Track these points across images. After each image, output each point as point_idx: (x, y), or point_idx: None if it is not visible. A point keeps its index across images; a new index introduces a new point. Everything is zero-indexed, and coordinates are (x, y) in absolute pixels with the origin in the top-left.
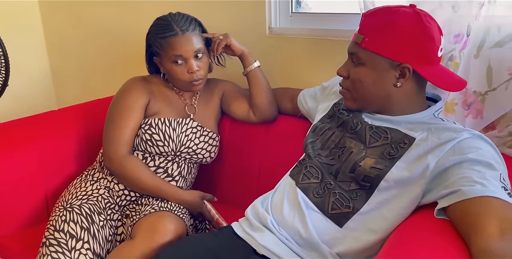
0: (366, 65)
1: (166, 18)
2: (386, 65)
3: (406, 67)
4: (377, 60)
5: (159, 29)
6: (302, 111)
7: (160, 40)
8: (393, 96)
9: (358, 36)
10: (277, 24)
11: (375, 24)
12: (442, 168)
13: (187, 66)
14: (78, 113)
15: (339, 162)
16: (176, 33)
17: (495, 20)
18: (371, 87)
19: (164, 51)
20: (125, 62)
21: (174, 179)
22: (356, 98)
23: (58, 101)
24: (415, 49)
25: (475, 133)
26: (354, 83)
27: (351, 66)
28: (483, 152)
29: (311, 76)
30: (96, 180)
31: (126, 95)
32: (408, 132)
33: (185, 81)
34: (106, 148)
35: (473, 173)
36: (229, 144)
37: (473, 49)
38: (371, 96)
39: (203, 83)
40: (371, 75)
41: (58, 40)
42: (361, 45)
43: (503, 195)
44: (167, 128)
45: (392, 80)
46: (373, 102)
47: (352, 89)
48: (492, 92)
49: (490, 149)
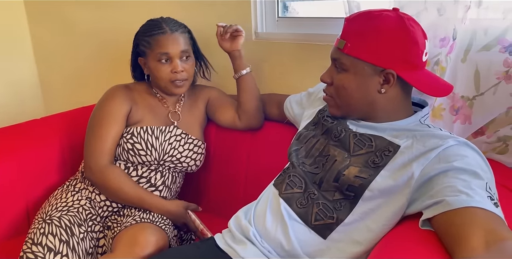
0: (349, 71)
1: (157, 19)
2: (369, 71)
3: (390, 73)
4: (360, 66)
5: (148, 28)
6: (289, 118)
7: (148, 38)
8: (377, 102)
9: (341, 41)
10: (263, 29)
11: (357, 28)
12: (427, 177)
13: (172, 65)
14: (61, 122)
15: (323, 171)
16: (164, 31)
17: (481, 23)
18: (355, 94)
19: (151, 49)
20: (114, 69)
21: (157, 189)
22: (340, 105)
23: (46, 109)
24: (398, 54)
25: (461, 140)
26: (338, 89)
27: (335, 72)
28: (469, 160)
29: (298, 81)
30: (77, 190)
31: (107, 103)
32: (393, 140)
33: (168, 80)
34: (87, 158)
35: (458, 182)
36: (215, 152)
37: (460, 53)
38: (355, 103)
39: (186, 87)
40: (354, 82)
41: (46, 47)
42: (343, 50)
43: (488, 206)
44: (150, 136)
45: (376, 86)
46: (357, 109)
47: (336, 96)
48: (480, 97)
49: (477, 156)
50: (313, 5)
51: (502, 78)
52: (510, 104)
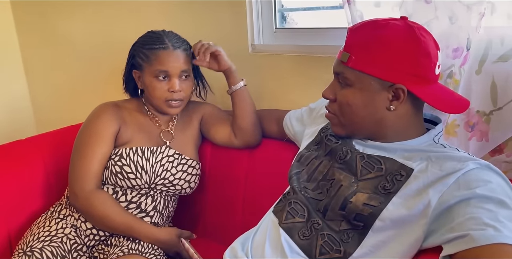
0: (354, 86)
1: (159, 32)
2: (376, 86)
3: (400, 88)
4: (366, 80)
5: (148, 40)
6: (289, 135)
7: (147, 51)
8: (386, 120)
9: (344, 54)
10: (261, 41)
11: (362, 40)
12: (446, 206)
13: (169, 84)
14: (47, 143)
15: (327, 197)
16: (166, 47)
17: (497, 31)
18: (361, 111)
19: (149, 64)
20: (106, 84)
21: (148, 214)
22: (345, 123)
23: (37, 127)
24: (409, 67)
25: (482, 162)
26: (342, 106)
27: (338, 87)
28: (493, 186)
29: (298, 96)
30: (62, 217)
31: (94, 123)
32: (405, 162)
33: (163, 99)
34: (72, 183)
35: (483, 213)
36: (211, 172)
37: (474, 64)
38: (361, 121)
39: (181, 108)
40: (360, 98)
41: (37, 63)
42: (347, 64)
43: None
44: (140, 158)
45: (385, 103)
46: (364, 127)
47: (340, 114)
48: (498, 112)
49: (501, 181)
50: (313, 15)
51: None
52: None
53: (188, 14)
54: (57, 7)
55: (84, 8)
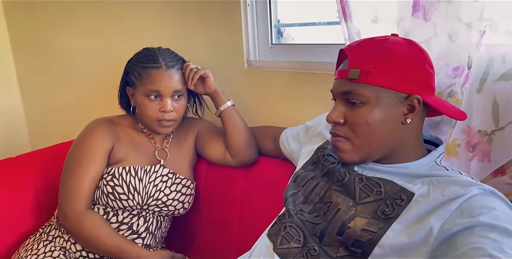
0: (369, 104)
1: (154, 49)
2: (393, 99)
3: (415, 98)
4: (382, 94)
5: (142, 58)
6: (285, 154)
7: (140, 70)
8: (400, 137)
9: (353, 71)
10: (256, 57)
11: (369, 55)
12: (448, 234)
13: (161, 104)
14: (38, 160)
15: (324, 221)
16: (159, 66)
17: (498, 49)
18: (380, 129)
19: (141, 82)
20: (101, 100)
21: (140, 236)
22: (361, 146)
23: (31, 141)
24: (420, 77)
25: (486, 188)
26: (357, 127)
27: (346, 108)
28: (497, 214)
29: (294, 113)
30: (51, 239)
31: (87, 140)
32: (406, 185)
33: (154, 118)
34: (62, 203)
35: (488, 244)
36: (206, 191)
37: (475, 82)
38: (380, 140)
39: (173, 127)
40: (378, 114)
41: (31, 78)
42: (360, 80)
43: None
44: (132, 178)
45: (400, 117)
46: (381, 147)
47: (354, 136)
48: (500, 132)
49: (506, 208)
50: (310, 30)
51: None
52: None
53: (184, 30)
54: (52, 23)
55: (79, 24)
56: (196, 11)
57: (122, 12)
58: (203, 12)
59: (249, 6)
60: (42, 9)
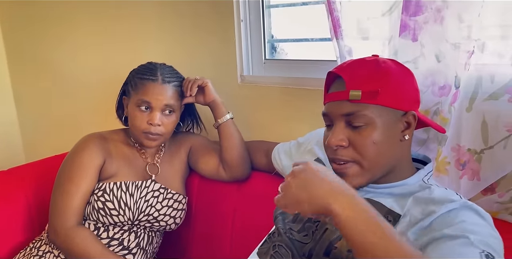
0: (372, 124)
1: (156, 64)
2: (391, 118)
3: (411, 114)
4: (383, 113)
5: (142, 70)
6: (277, 169)
7: (137, 80)
8: (400, 154)
9: (354, 92)
10: (250, 72)
11: (368, 76)
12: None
13: (150, 116)
14: (29, 174)
15: (313, 241)
16: (155, 79)
17: (487, 69)
18: (386, 148)
19: (135, 92)
20: (95, 114)
21: (131, 252)
22: (370, 168)
23: (26, 154)
24: (412, 93)
25: (464, 203)
26: (364, 148)
27: (348, 130)
28: (464, 225)
29: (286, 128)
30: (41, 255)
31: (78, 155)
32: (393, 207)
33: (140, 130)
34: (52, 218)
35: (447, 250)
36: (198, 206)
37: (464, 101)
38: (384, 159)
39: (159, 142)
40: (382, 133)
41: (26, 91)
42: (363, 101)
43: None
44: (123, 194)
45: (399, 135)
46: (383, 167)
47: (362, 158)
48: (489, 151)
49: (479, 220)
50: (303, 46)
51: None
52: None
53: (179, 45)
54: (48, 36)
55: (74, 38)
56: (191, 26)
57: (118, 26)
58: (198, 27)
59: (242, 21)
60: (38, 22)
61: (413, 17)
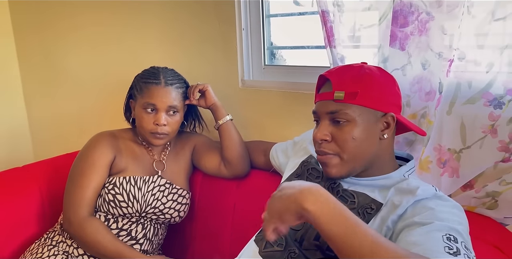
0: (352, 122)
1: (158, 68)
2: (371, 118)
3: (390, 115)
4: (364, 113)
5: (146, 75)
6: (274, 166)
7: (142, 84)
8: (379, 151)
9: (338, 93)
10: (250, 77)
11: (351, 79)
12: (395, 235)
13: (155, 117)
14: (43, 170)
15: (303, 228)
16: (159, 83)
17: (465, 75)
18: (364, 143)
19: (141, 96)
20: (103, 114)
21: (138, 242)
22: (347, 160)
23: (35, 153)
24: (393, 97)
25: (431, 193)
26: (344, 143)
27: (331, 127)
28: (433, 212)
29: (284, 129)
30: (54, 244)
31: (91, 151)
32: (376, 197)
33: (148, 130)
34: (66, 210)
35: (416, 237)
36: (200, 201)
37: (445, 105)
38: (362, 154)
39: (165, 140)
40: (362, 130)
41: (37, 93)
42: (345, 101)
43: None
44: (132, 187)
45: (378, 133)
46: (363, 162)
47: (342, 151)
48: (467, 150)
49: (445, 208)
50: (302, 53)
51: (488, 132)
52: (497, 158)
53: (182, 51)
54: (58, 40)
55: (84, 42)
56: (195, 35)
57: (124, 33)
58: (201, 35)
59: (244, 30)
60: (49, 27)
61: (401, 28)
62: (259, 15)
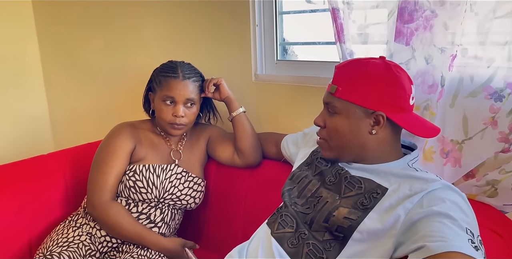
0: (341, 114)
1: (176, 62)
2: (360, 114)
3: (379, 114)
4: (351, 109)
5: (164, 68)
6: (285, 156)
7: (161, 78)
8: (368, 144)
9: (332, 86)
10: (263, 71)
11: (348, 75)
12: (411, 221)
13: (174, 109)
14: (67, 158)
15: (313, 212)
16: (177, 76)
17: (468, 70)
18: (347, 136)
19: (160, 89)
20: (121, 107)
21: (156, 225)
22: (333, 147)
23: (55, 144)
24: (387, 97)
25: (444, 183)
26: (331, 132)
27: (327, 115)
28: (450, 204)
29: (295, 121)
30: (79, 226)
31: (113, 141)
32: (382, 182)
33: (167, 121)
34: (90, 194)
35: (439, 227)
36: (214, 189)
37: (448, 98)
38: (347, 144)
39: (183, 131)
40: (346, 124)
41: (57, 85)
42: (335, 94)
43: (468, 250)
44: (151, 174)
45: (367, 128)
46: (349, 150)
47: (329, 138)
48: (469, 141)
49: (459, 200)
50: (313, 49)
51: (489, 123)
52: (497, 149)
53: (199, 46)
54: (78, 34)
55: (103, 36)
56: (211, 31)
57: (143, 26)
58: (217, 31)
59: (257, 26)
60: (71, 22)
61: (406, 25)
62: (272, 12)
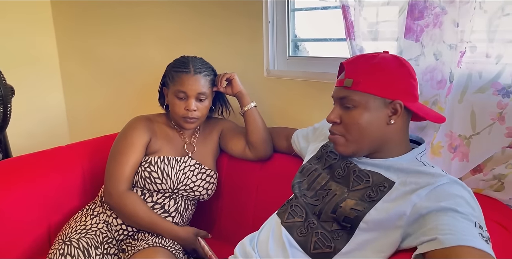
0: (360, 107)
1: (188, 57)
2: (379, 104)
3: (398, 103)
4: (370, 100)
5: (177, 64)
6: (296, 150)
7: (173, 73)
8: (386, 135)
9: (347, 80)
10: (275, 67)
11: (362, 67)
12: (418, 214)
13: (186, 103)
14: (85, 149)
15: (322, 203)
16: (188, 71)
17: (476, 67)
18: (367, 128)
19: (173, 84)
20: (135, 101)
21: (170, 215)
22: (352, 141)
23: (71, 137)
24: (403, 86)
25: (451, 178)
26: (349, 126)
27: (342, 111)
28: (458, 199)
29: (306, 116)
30: (96, 214)
31: (129, 133)
32: (389, 176)
33: (180, 115)
34: (107, 183)
35: (450, 221)
36: (226, 181)
37: (456, 94)
38: (367, 136)
39: (196, 124)
40: (366, 116)
41: (74, 80)
42: (352, 88)
43: (479, 244)
44: (166, 166)
45: (385, 119)
46: (369, 143)
47: (347, 133)
48: (477, 136)
49: (466, 195)
50: (324, 45)
51: (496, 119)
52: (505, 144)
53: (213, 42)
54: (95, 31)
55: (120, 33)
56: (224, 27)
57: (159, 24)
58: (230, 27)
59: (270, 23)
60: (88, 20)
61: (416, 21)
62: (284, 9)
